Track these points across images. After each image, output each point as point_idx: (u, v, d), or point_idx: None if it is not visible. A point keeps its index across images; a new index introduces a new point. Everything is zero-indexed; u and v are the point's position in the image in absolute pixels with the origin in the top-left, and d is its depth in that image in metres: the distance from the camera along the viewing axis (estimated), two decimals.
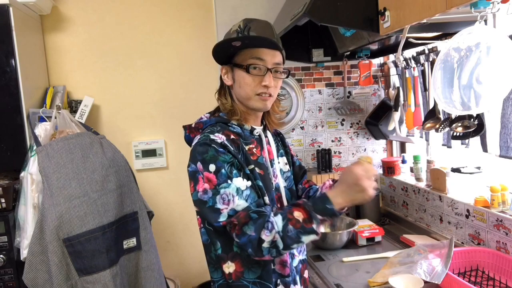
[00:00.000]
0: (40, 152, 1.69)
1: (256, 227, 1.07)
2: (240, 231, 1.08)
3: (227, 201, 1.09)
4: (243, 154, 1.19)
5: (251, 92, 1.19)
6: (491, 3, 1.12)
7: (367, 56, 2.27)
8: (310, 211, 1.08)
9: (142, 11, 2.33)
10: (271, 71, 1.19)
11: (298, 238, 1.07)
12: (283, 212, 1.10)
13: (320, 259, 1.84)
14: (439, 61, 1.30)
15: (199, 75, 2.42)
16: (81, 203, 1.67)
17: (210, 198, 1.11)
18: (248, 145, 1.23)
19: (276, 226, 1.07)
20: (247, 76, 1.18)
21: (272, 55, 1.19)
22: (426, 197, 2.01)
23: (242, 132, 1.24)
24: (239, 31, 1.19)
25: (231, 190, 1.10)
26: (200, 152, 1.13)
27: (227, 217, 1.09)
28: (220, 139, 1.14)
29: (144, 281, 1.87)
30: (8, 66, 1.77)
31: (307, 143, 2.51)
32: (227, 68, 1.24)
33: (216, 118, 1.24)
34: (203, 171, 1.11)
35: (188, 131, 1.28)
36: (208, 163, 1.11)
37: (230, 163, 1.12)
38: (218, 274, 1.21)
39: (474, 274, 1.52)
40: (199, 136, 1.18)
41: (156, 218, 2.15)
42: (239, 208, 1.09)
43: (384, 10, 1.43)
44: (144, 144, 2.36)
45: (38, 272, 1.66)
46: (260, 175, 1.20)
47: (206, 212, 1.13)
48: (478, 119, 1.48)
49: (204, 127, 1.23)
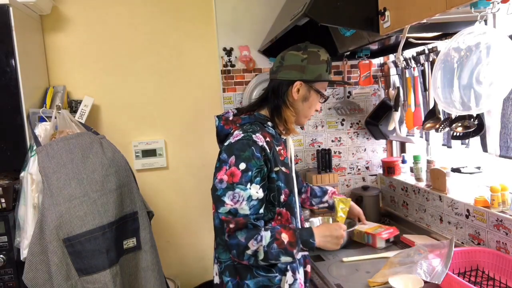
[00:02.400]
0: (40, 152, 1.69)
1: (248, 235, 1.22)
2: (233, 233, 1.23)
3: (236, 200, 1.22)
4: (274, 156, 1.32)
5: (310, 114, 1.44)
6: (491, 3, 1.12)
7: (367, 56, 2.27)
8: (297, 238, 1.26)
9: (142, 11, 2.33)
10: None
11: (278, 256, 1.24)
12: (272, 230, 1.26)
13: (320, 259, 1.84)
14: (439, 61, 1.30)
15: (199, 75, 2.42)
16: (81, 203, 1.67)
17: (222, 189, 1.24)
18: (278, 146, 1.39)
19: (264, 240, 1.23)
20: (318, 102, 1.42)
21: None
22: (426, 197, 2.01)
23: (275, 134, 1.41)
24: (328, 64, 1.40)
25: (244, 194, 1.23)
26: (239, 148, 1.26)
27: (227, 213, 1.23)
28: (261, 141, 1.29)
29: (144, 281, 1.87)
30: (8, 66, 1.77)
31: (307, 143, 2.51)
32: (304, 86, 1.38)
33: (255, 117, 1.39)
34: (232, 165, 1.24)
35: (223, 122, 1.40)
36: (241, 160, 1.24)
37: (259, 169, 1.25)
38: (226, 255, 1.35)
39: (474, 274, 1.52)
40: (241, 132, 1.31)
41: (156, 218, 2.15)
42: (241, 211, 1.23)
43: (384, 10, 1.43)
44: (144, 144, 2.36)
45: (38, 272, 1.66)
46: (286, 174, 1.36)
47: (214, 198, 1.27)
48: (478, 119, 1.48)
49: (243, 123, 1.37)
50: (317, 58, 1.38)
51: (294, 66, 1.37)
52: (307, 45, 1.40)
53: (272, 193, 1.32)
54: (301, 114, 1.42)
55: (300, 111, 1.41)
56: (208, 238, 2.34)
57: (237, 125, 1.37)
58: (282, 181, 1.34)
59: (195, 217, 2.42)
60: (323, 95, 1.41)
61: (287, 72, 1.38)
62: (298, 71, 1.36)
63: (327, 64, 1.39)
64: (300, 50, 1.39)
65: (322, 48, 1.41)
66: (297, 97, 1.38)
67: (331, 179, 2.34)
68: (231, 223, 1.23)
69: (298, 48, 1.40)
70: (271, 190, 1.32)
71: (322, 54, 1.39)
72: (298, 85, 1.37)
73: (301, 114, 1.42)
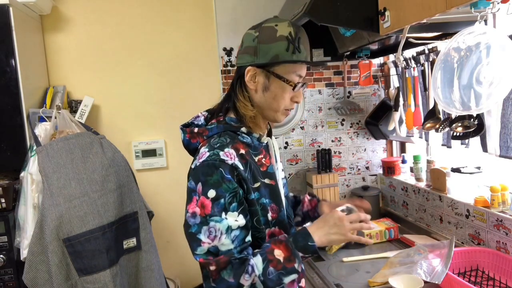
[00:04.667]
0: (40, 152, 1.69)
1: (235, 272, 1.00)
2: (217, 276, 1.00)
3: (213, 236, 1.00)
4: (251, 171, 1.10)
5: (282, 106, 1.14)
6: (491, 3, 1.12)
7: (367, 56, 2.27)
8: (292, 249, 1.04)
9: (142, 11, 2.33)
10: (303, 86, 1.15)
11: (280, 280, 1.03)
12: (262, 252, 1.04)
13: (320, 259, 1.84)
14: (439, 61, 1.30)
15: (199, 75, 2.42)
16: (81, 203, 1.67)
17: (196, 224, 1.02)
18: (257, 156, 1.16)
19: (256, 269, 1.01)
20: (286, 91, 1.12)
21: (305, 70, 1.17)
22: (426, 197, 2.01)
23: (251, 142, 1.16)
24: (290, 40, 1.09)
25: (221, 227, 1.00)
26: (204, 173, 1.03)
27: (207, 253, 1.01)
28: (231, 159, 1.05)
29: (144, 281, 1.87)
30: (8, 66, 1.77)
31: (307, 143, 2.51)
32: (258, 71, 1.12)
33: (223, 125, 1.14)
34: (200, 194, 1.02)
35: (188, 135, 1.17)
36: (209, 187, 1.02)
37: (233, 193, 1.03)
38: None
39: (474, 274, 1.52)
40: (207, 149, 1.07)
41: (156, 218, 2.15)
42: (223, 248, 1.01)
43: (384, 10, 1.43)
44: (144, 144, 2.36)
45: (38, 272, 1.66)
46: (270, 186, 1.15)
47: (187, 236, 1.04)
48: (478, 119, 1.48)
49: (210, 134, 1.13)
50: (272, 34, 1.08)
51: (248, 48, 1.11)
52: (267, 20, 1.13)
53: (256, 217, 1.09)
54: (266, 107, 1.14)
55: (263, 103, 1.14)
56: None
57: (204, 138, 1.14)
58: (267, 196, 1.12)
59: None
60: (289, 81, 1.11)
61: (241, 56, 1.14)
62: (250, 54, 1.11)
63: (287, 40, 1.08)
64: (255, 28, 1.12)
65: (286, 21, 1.11)
66: (254, 86, 1.12)
67: (331, 179, 2.34)
68: (211, 265, 1.00)
69: (256, 25, 1.14)
70: (253, 214, 1.08)
71: (281, 29, 1.09)
72: (251, 71, 1.11)
73: (265, 108, 1.14)
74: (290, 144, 2.48)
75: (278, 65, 1.10)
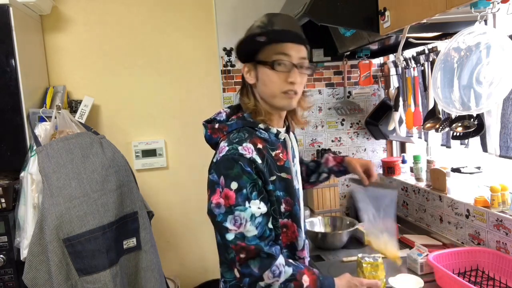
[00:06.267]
0: (40, 152, 1.69)
1: (261, 266, 1.09)
2: (244, 262, 1.09)
3: (239, 224, 1.08)
4: (267, 165, 1.16)
5: (276, 90, 1.16)
6: (491, 3, 1.13)
7: (367, 56, 2.27)
8: (317, 286, 1.13)
9: (142, 11, 2.33)
10: (297, 66, 1.15)
11: None
12: (295, 269, 1.13)
13: (320, 259, 1.84)
14: (439, 61, 1.30)
15: (199, 75, 2.42)
16: (81, 203, 1.67)
17: (222, 214, 1.09)
18: (274, 151, 1.21)
19: (282, 276, 1.10)
20: (272, 73, 1.14)
21: (297, 49, 1.16)
22: (426, 197, 2.01)
23: (269, 138, 1.21)
24: (262, 27, 1.15)
25: (246, 215, 1.09)
26: (225, 166, 1.10)
27: (235, 239, 1.09)
28: (249, 153, 1.12)
29: (144, 281, 1.87)
30: (8, 66, 1.77)
31: (307, 143, 2.51)
32: (249, 66, 1.19)
33: (242, 121, 1.20)
34: (224, 186, 1.10)
35: (210, 131, 1.24)
36: (231, 179, 1.09)
37: (253, 183, 1.11)
38: (231, 274, 1.19)
39: (474, 274, 1.52)
40: (226, 144, 1.14)
41: (156, 218, 2.15)
42: (248, 234, 1.09)
43: (384, 10, 1.43)
44: (144, 144, 2.36)
45: (38, 272, 1.66)
46: (286, 180, 1.21)
47: (214, 224, 1.13)
48: (478, 119, 1.48)
49: (230, 130, 1.20)
50: (250, 28, 1.19)
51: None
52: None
53: (273, 207, 1.18)
54: (265, 96, 1.19)
55: (262, 93, 1.19)
56: (208, 238, 2.33)
57: (224, 133, 1.21)
58: (281, 189, 1.20)
59: (195, 217, 2.42)
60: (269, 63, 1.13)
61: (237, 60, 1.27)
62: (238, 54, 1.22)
63: (259, 28, 1.16)
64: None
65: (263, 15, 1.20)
66: (253, 80, 1.19)
67: (331, 179, 2.33)
68: (241, 252, 1.09)
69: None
70: (271, 204, 1.17)
71: (256, 22, 1.19)
72: (245, 67, 1.20)
73: (265, 97, 1.19)
74: None
75: (258, 53, 1.16)
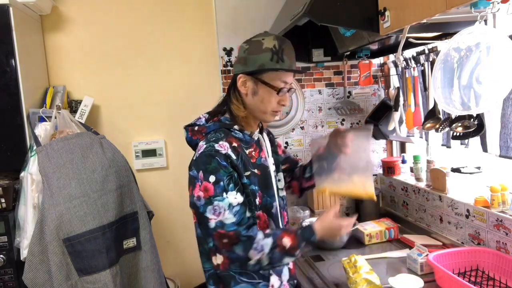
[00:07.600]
0: (40, 152, 1.69)
1: (245, 248, 1.21)
2: (230, 248, 1.22)
3: (218, 213, 1.20)
4: (242, 161, 1.28)
5: (270, 109, 1.32)
6: (491, 3, 1.12)
7: (367, 56, 2.27)
8: (299, 242, 1.25)
9: (142, 11, 2.33)
10: (289, 91, 1.35)
11: (281, 259, 1.25)
12: (274, 237, 1.24)
13: (320, 259, 1.84)
14: (439, 61, 1.30)
15: (199, 75, 2.42)
16: (81, 203, 1.67)
17: (202, 205, 1.21)
18: (248, 149, 1.35)
19: (266, 248, 1.21)
20: (272, 96, 1.30)
21: (292, 77, 1.34)
22: (426, 197, 2.01)
23: (243, 137, 1.34)
24: (274, 52, 1.27)
25: (224, 204, 1.20)
26: (204, 162, 1.23)
27: (215, 227, 1.21)
28: (225, 149, 1.24)
29: (144, 281, 1.87)
30: (8, 66, 1.77)
31: (307, 143, 2.51)
32: (247, 78, 1.30)
33: (219, 123, 1.33)
34: (203, 180, 1.21)
35: (190, 133, 1.37)
36: (209, 173, 1.21)
37: (229, 176, 1.22)
38: (209, 264, 1.35)
39: (474, 274, 1.52)
40: (204, 143, 1.27)
41: (156, 218, 2.15)
42: (227, 221, 1.20)
43: (384, 10, 1.43)
44: (144, 144, 2.36)
45: (38, 272, 1.66)
46: (258, 175, 1.33)
47: (197, 215, 1.27)
48: (478, 119, 1.48)
49: (208, 131, 1.32)
50: (259, 47, 1.28)
51: (239, 58, 1.32)
52: (257, 35, 1.32)
53: (248, 198, 1.28)
54: (255, 109, 1.33)
55: (253, 105, 1.32)
56: None
57: (203, 134, 1.33)
58: (255, 184, 1.31)
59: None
60: (273, 87, 1.29)
61: (235, 65, 1.34)
62: (241, 63, 1.31)
63: (271, 52, 1.26)
64: (246, 42, 1.33)
65: (272, 35, 1.30)
66: (245, 91, 1.31)
67: None
68: (223, 238, 1.21)
69: (247, 39, 1.34)
70: (246, 195, 1.27)
71: (267, 42, 1.27)
72: (242, 77, 1.30)
73: (255, 109, 1.33)
74: (290, 144, 2.49)
75: (264, 73, 1.29)
